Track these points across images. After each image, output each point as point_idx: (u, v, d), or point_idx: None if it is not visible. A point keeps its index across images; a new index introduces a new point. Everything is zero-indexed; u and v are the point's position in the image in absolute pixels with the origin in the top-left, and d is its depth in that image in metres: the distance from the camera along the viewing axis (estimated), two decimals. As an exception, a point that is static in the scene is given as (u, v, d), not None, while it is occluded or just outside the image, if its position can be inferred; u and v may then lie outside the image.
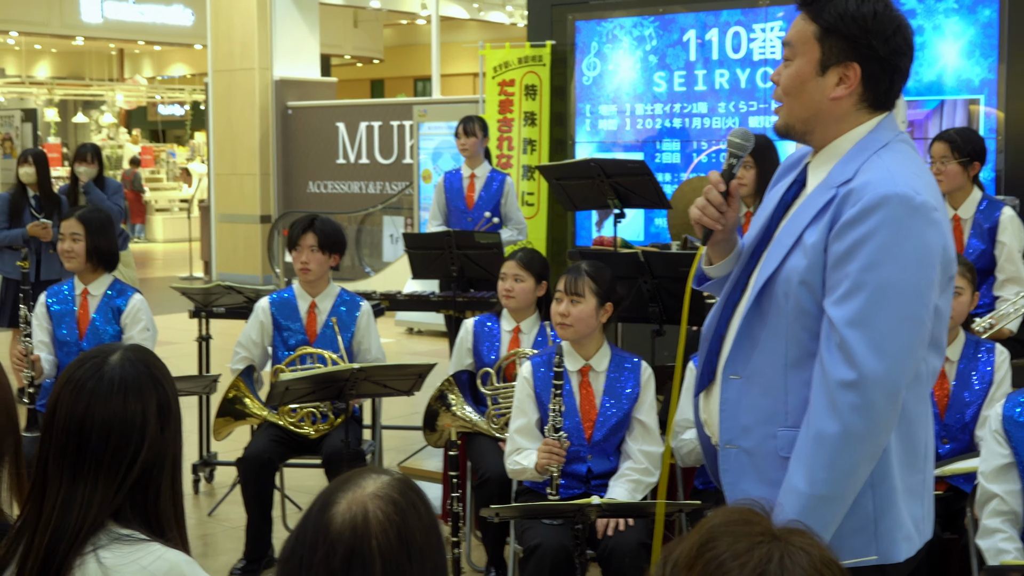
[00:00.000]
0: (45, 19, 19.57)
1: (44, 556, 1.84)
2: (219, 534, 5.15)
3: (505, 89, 7.68)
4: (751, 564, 1.18)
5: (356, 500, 1.55)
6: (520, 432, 3.79)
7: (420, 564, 1.54)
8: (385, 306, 5.81)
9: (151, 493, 1.93)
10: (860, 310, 2.04)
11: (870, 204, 2.05)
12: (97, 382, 1.92)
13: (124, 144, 22.92)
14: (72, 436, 1.89)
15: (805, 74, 2.18)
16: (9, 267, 7.16)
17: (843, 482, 2.07)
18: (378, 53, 23.96)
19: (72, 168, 7.92)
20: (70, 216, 4.90)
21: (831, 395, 2.06)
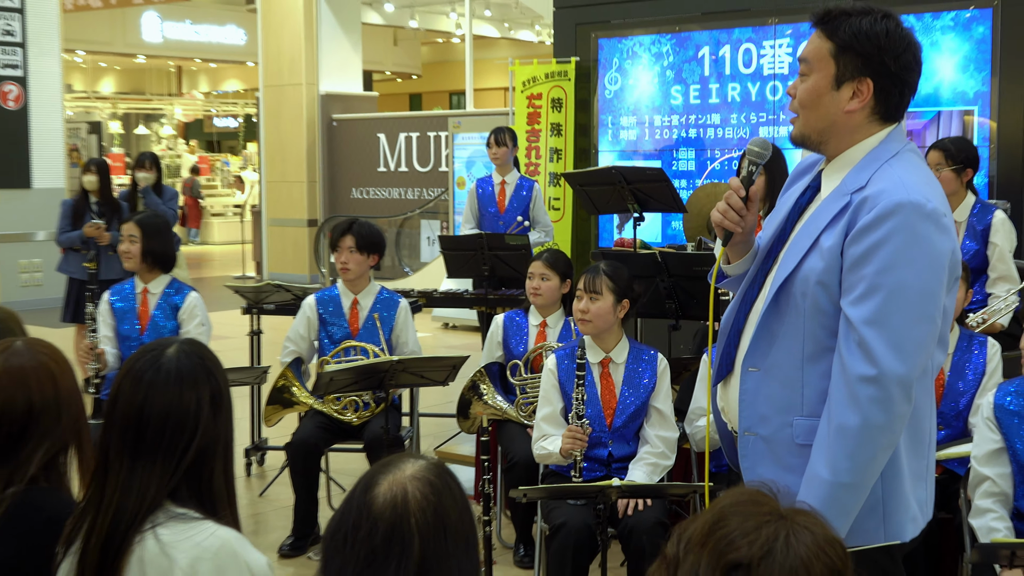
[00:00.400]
0: (109, 39, 19.70)
1: (107, 533, 1.85)
2: (269, 513, 5.17)
3: (533, 102, 7.69)
4: (759, 542, 1.19)
5: (396, 482, 1.55)
6: (546, 420, 3.80)
7: (454, 540, 1.54)
8: (422, 303, 5.82)
9: (205, 475, 1.93)
10: (877, 310, 2.04)
11: (885, 211, 2.05)
12: (155, 373, 1.92)
13: (182, 154, 23.03)
14: (132, 423, 1.90)
15: (821, 88, 2.17)
16: (74, 267, 7.21)
17: (863, 470, 2.07)
18: (416, 69, 23.97)
19: (132, 175, 7.99)
20: (129, 220, 4.94)
21: (851, 389, 2.06)
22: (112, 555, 1.83)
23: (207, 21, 20.20)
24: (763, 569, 1.17)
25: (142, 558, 1.82)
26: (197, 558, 1.81)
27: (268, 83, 13.70)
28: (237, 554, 1.84)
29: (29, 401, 2.13)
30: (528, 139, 7.70)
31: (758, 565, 1.17)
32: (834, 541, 1.23)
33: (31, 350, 2.20)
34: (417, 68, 23.96)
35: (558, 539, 3.46)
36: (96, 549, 1.84)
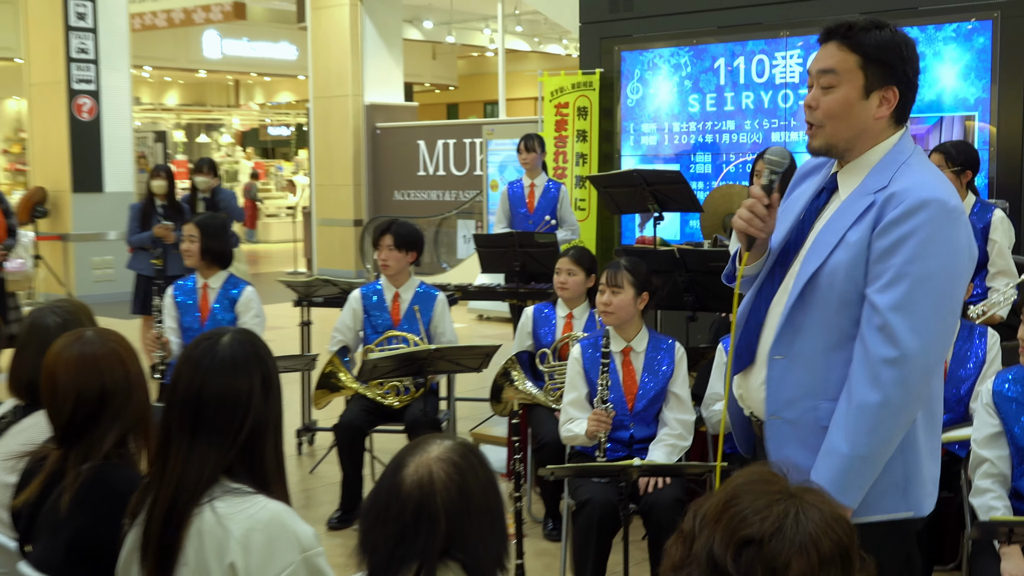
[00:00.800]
0: (173, 56, 19.86)
1: (168, 506, 1.86)
2: (318, 489, 5.20)
3: (560, 111, 7.66)
4: (770, 519, 1.18)
5: (423, 463, 1.56)
6: (572, 404, 3.79)
7: (478, 517, 1.55)
8: (458, 296, 5.82)
9: (257, 453, 1.93)
10: (903, 297, 2.02)
11: (912, 206, 2.04)
12: (211, 360, 1.93)
13: (239, 160, 23.21)
14: (190, 405, 1.91)
15: (852, 98, 2.12)
16: (142, 264, 7.29)
17: (880, 446, 2.05)
18: (453, 81, 24.00)
19: (192, 179, 8.04)
20: (189, 221, 4.98)
21: (874, 370, 2.04)
22: (174, 526, 1.84)
23: (262, 38, 20.32)
24: (774, 545, 1.16)
25: (201, 529, 1.83)
26: (250, 529, 1.82)
27: (317, 95, 13.76)
28: (286, 525, 1.84)
29: (102, 385, 2.16)
30: (556, 145, 7.67)
31: (769, 541, 1.16)
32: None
33: (101, 338, 2.23)
34: (454, 80, 23.99)
35: (583, 514, 3.46)
36: (159, 520, 1.86)
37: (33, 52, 11.77)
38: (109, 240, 11.58)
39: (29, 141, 12.20)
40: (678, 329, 5.05)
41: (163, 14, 15.96)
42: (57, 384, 2.16)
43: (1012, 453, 2.92)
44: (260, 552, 1.80)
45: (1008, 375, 2.98)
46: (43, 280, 11.38)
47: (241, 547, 1.80)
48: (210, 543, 1.82)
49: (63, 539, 2.05)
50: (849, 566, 1.19)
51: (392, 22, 13.85)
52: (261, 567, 1.80)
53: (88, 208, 11.57)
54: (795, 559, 1.15)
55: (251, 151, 25.68)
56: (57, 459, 2.15)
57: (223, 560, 1.80)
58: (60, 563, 2.04)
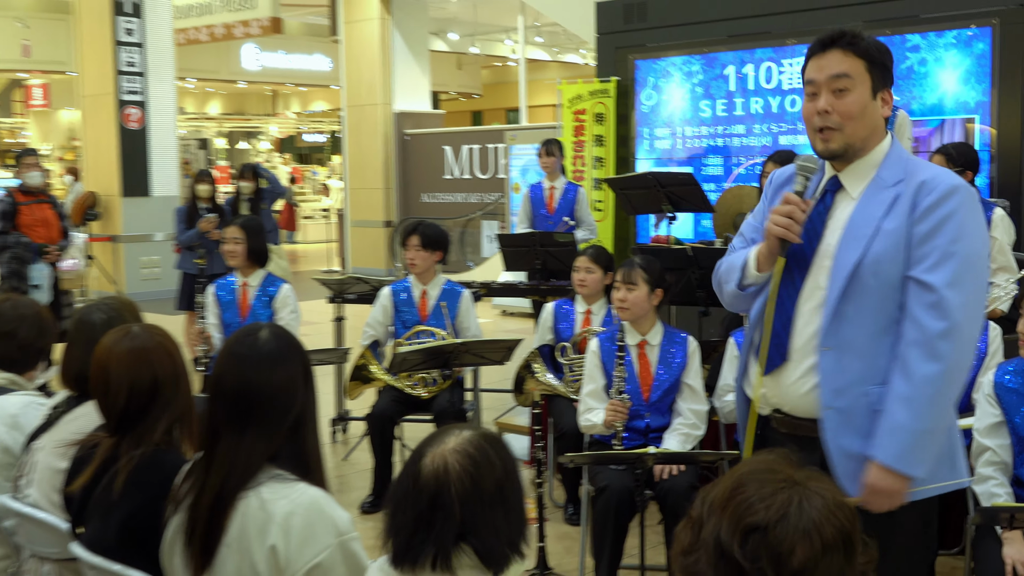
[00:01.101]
0: (215, 68, 19.97)
1: (218, 491, 1.85)
2: (351, 475, 5.20)
3: (579, 117, 7.64)
4: (775, 506, 1.16)
5: (439, 455, 1.57)
6: (590, 395, 3.77)
7: (491, 506, 1.55)
8: (483, 293, 5.81)
9: (299, 441, 1.93)
10: (954, 273, 2.04)
11: (946, 191, 2.07)
12: (256, 354, 1.92)
13: (277, 166, 23.30)
14: (239, 398, 1.90)
15: (865, 99, 2.13)
16: (188, 264, 7.33)
17: (942, 415, 2.08)
18: (477, 89, 24.00)
19: (237, 184, 8.09)
20: (233, 223, 4.98)
21: (930, 344, 2.04)
22: (220, 510, 1.84)
23: (298, 51, 20.40)
24: (778, 531, 1.14)
25: (245, 512, 1.83)
26: (291, 513, 1.82)
27: (350, 103, 13.80)
28: (324, 510, 1.84)
29: (154, 376, 2.17)
30: (574, 149, 7.65)
31: (774, 527, 1.15)
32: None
33: (148, 333, 2.23)
34: (478, 88, 23.99)
35: (601, 500, 3.44)
36: (207, 506, 1.86)
37: (85, 66, 11.87)
38: (156, 241, 11.67)
39: (82, 149, 12.30)
40: (691, 324, 5.03)
41: (205, 29, 16.03)
42: (110, 377, 2.16)
43: (1013, 442, 2.88)
44: (299, 535, 1.81)
45: (1009, 367, 2.94)
46: (95, 279, 11.48)
47: (282, 530, 1.80)
48: (253, 526, 1.82)
49: (115, 520, 2.05)
50: (851, 551, 1.17)
51: (419, 34, 13.87)
52: (299, 549, 1.80)
53: (136, 211, 11.66)
54: (799, 545, 1.14)
55: (288, 157, 25.79)
56: (110, 446, 2.15)
57: (264, 542, 1.81)
58: (112, 543, 2.04)
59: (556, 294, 5.55)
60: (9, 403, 2.65)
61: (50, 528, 2.29)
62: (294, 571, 1.80)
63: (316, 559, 1.80)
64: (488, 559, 1.54)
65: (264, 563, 1.80)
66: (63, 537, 2.21)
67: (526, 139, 10.73)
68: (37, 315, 2.81)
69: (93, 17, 11.61)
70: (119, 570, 2.00)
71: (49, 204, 7.09)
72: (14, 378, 2.75)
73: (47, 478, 2.35)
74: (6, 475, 2.57)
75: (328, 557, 1.82)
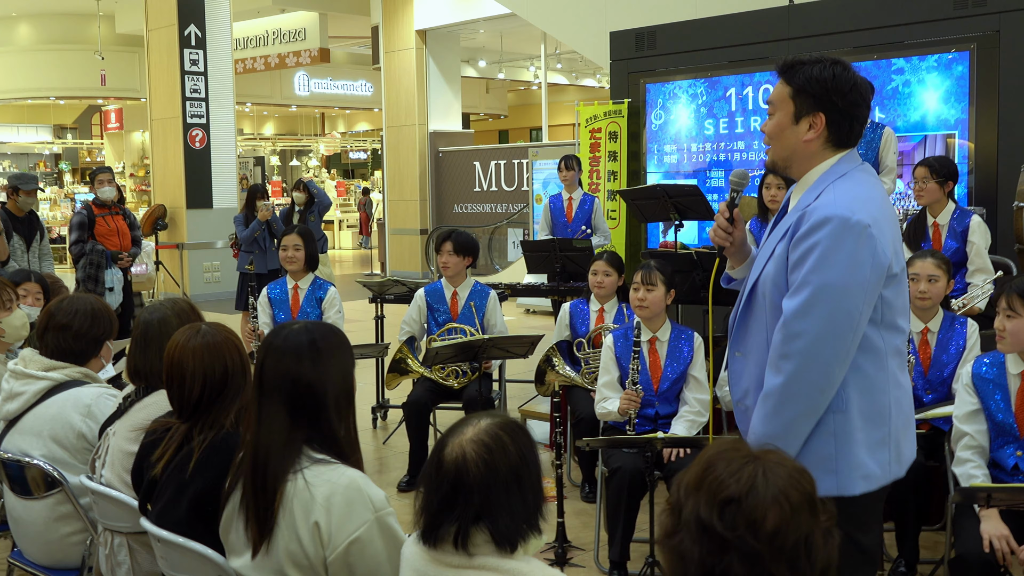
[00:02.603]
0: (269, 94, 20.11)
1: (262, 473, 1.84)
2: (390, 457, 5.22)
3: (595, 135, 7.62)
4: (744, 479, 1.18)
5: (458, 444, 1.57)
6: (606, 386, 3.77)
7: (505, 491, 1.54)
8: (508, 293, 5.82)
9: (332, 427, 1.90)
10: (804, 302, 1.95)
11: (816, 222, 1.97)
12: (283, 344, 1.91)
13: (325, 180, 23.44)
14: (266, 385, 1.89)
15: (783, 124, 2.09)
16: (246, 265, 7.41)
17: (785, 427, 1.98)
18: (503, 111, 24.00)
19: (291, 196, 8.16)
20: (291, 232, 4.95)
21: (775, 363, 2.00)
22: (269, 491, 1.83)
23: (344, 78, 20.50)
24: (751, 500, 1.16)
25: (292, 494, 1.83)
26: (331, 492, 1.82)
27: (389, 124, 13.84)
28: (361, 489, 1.84)
29: (225, 367, 2.17)
30: (591, 164, 7.64)
31: (746, 498, 1.16)
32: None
33: (215, 329, 2.23)
34: (504, 110, 24.00)
35: (615, 480, 3.44)
36: (257, 487, 1.85)
37: (154, 93, 12.00)
38: (217, 248, 11.77)
39: (151, 166, 12.43)
40: (696, 321, 5.00)
41: (261, 59, 16.16)
42: (185, 370, 2.15)
43: (989, 428, 2.84)
44: (340, 512, 1.81)
45: (986, 359, 2.90)
46: (162, 282, 11.61)
47: (324, 508, 1.80)
48: (299, 506, 1.82)
49: (187, 497, 2.05)
50: (815, 510, 1.19)
51: (452, 62, 13.90)
52: (340, 525, 1.81)
53: (200, 221, 11.77)
54: (771, 510, 1.15)
55: (335, 172, 25.91)
56: (184, 431, 2.15)
57: (309, 520, 1.81)
58: (182, 518, 2.04)
59: (573, 294, 5.56)
60: (84, 394, 2.67)
61: (123, 505, 2.31)
62: (336, 545, 1.80)
63: (356, 533, 1.81)
64: (502, 539, 1.54)
65: (309, 539, 1.81)
66: (135, 513, 2.22)
67: (547, 155, 10.73)
68: (90, 307, 2.78)
69: (162, 50, 11.74)
70: (183, 543, 2.01)
71: (122, 215, 7.18)
72: (87, 371, 2.77)
73: (119, 460, 2.37)
74: (83, 458, 2.61)
75: (366, 531, 1.82)
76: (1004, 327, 2.75)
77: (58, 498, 2.59)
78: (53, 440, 2.61)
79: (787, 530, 1.15)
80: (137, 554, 2.35)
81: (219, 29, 11.81)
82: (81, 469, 2.58)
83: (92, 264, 6.82)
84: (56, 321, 2.74)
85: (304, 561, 1.82)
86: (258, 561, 1.85)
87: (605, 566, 3.55)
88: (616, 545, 3.43)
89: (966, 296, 4.08)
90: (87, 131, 22.85)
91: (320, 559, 1.81)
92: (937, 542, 3.67)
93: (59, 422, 2.62)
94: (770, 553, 1.14)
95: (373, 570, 1.83)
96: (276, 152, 25.09)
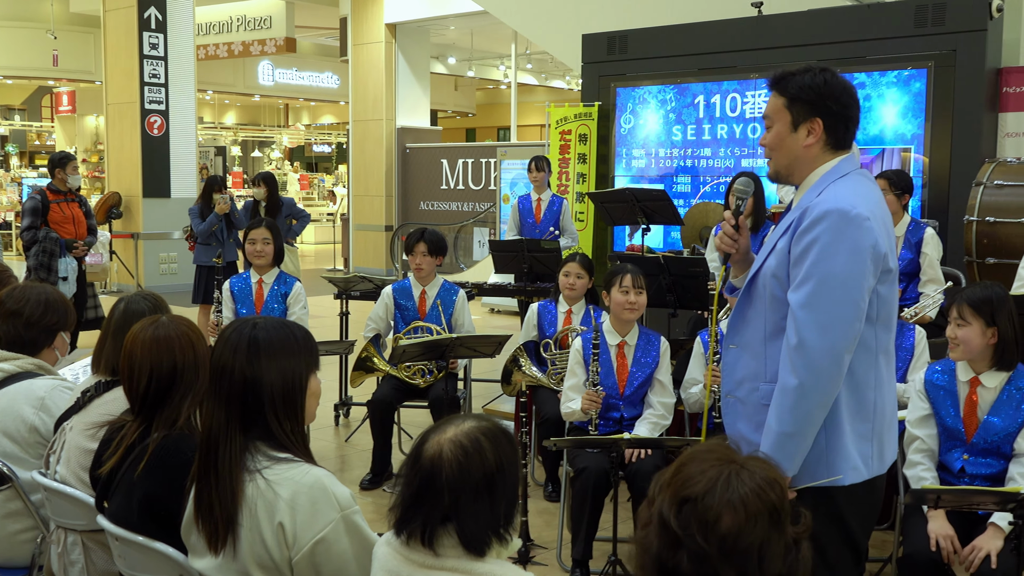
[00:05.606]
0: (232, 82, 19.85)
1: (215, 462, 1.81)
2: (353, 455, 5.20)
3: (564, 136, 7.70)
4: (705, 480, 1.20)
5: (437, 442, 1.57)
6: (572, 388, 3.82)
7: (476, 495, 1.54)
8: (475, 292, 5.84)
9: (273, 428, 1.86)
10: (810, 294, 2.04)
11: (816, 217, 2.06)
12: (238, 340, 1.87)
13: (288, 173, 23.25)
14: (215, 381, 1.87)
15: (783, 134, 2.19)
16: (203, 257, 7.33)
17: (802, 423, 2.05)
18: (472, 109, 23.98)
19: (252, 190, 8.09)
20: (259, 225, 4.86)
21: (789, 357, 2.06)
22: (224, 491, 1.81)
23: (309, 69, 20.33)
24: (706, 501, 1.18)
25: (255, 494, 1.81)
26: (296, 492, 1.80)
27: (356, 118, 13.78)
28: (327, 488, 1.82)
29: (174, 362, 2.14)
30: (560, 166, 7.72)
31: (702, 498, 1.18)
32: (775, 482, 1.21)
33: (174, 323, 2.21)
34: (472, 108, 23.98)
35: (580, 479, 3.50)
36: (212, 485, 1.82)
37: (111, 76, 11.80)
38: (174, 239, 11.61)
39: (106, 152, 12.25)
40: (661, 324, 5.10)
41: (224, 46, 15.99)
42: (134, 362, 2.14)
43: (940, 432, 2.96)
44: (305, 512, 1.78)
45: (937, 367, 3.03)
46: (116, 272, 11.46)
47: (288, 509, 1.78)
48: (262, 507, 1.80)
49: (136, 498, 2.03)
50: (778, 521, 1.19)
51: (421, 58, 13.88)
52: (306, 525, 1.79)
53: (156, 211, 11.60)
54: (725, 513, 1.16)
55: (298, 165, 25.68)
56: (135, 428, 2.13)
57: (273, 521, 1.78)
58: (134, 519, 2.03)
59: (540, 295, 5.60)
60: (37, 386, 2.60)
61: (77, 502, 2.25)
62: (301, 545, 1.78)
63: (321, 533, 1.79)
64: (468, 543, 1.53)
65: (273, 540, 1.78)
66: (89, 511, 2.18)
67: (515, 155, 10.79)
68: (44, 296, 2.72)
69: (120, 32, 11.56)
70: (142, 541, 1.98)
71: (78, 203, 7.02)
72: (40, 363, 2.70)
73: (76, 456, 2.32)
74: (36, 453, 2.55)
75: (332, 531, 1.80)
76: (956, 335, 2.88)
77: (7, 494, 2.51)
78: (3, 434, 2.54)
79: (739, 535, 1.15)
80: (92, 553, 2.30)
81: (181, 13, 11.65)
82: (34, 464, 2.51)
83: (45, 252, 6.62)
84: (5, 308, 2.67)
85: (269, 562, 1.79)
86: (222, 563, 1.82)
87: (568, 564, 3.61)
88: (580, 543, 3.49)
89: (918, 305, 4.23)
90: (36, 113, 22.34)
91: (285, 560, 1.79)
92: (885, 541, 3.79)
93: (10, 415, 2.55)
94: (718, 555, 1.15)
95: (339, 569, 1.81)
96: (238, 142, 24.74)
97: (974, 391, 2.91)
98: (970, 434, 2.90)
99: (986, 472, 2.89)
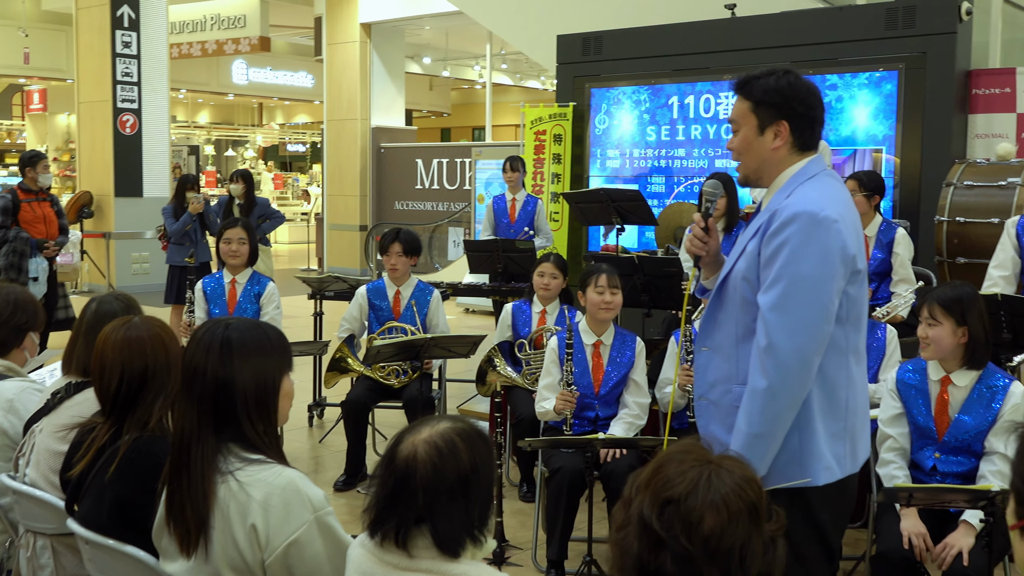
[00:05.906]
0: (206, 81, 19.71)
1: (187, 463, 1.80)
2: (327, 456, 5.18)
3: (539, 136, 7.71)
4: (686, 481, 1.20)
5: (412, 442, 1.56)
6: (546, 388, 3.82)
7: (450, 496, 1.53)
8: (449, 292, 5.82)
9: (246, 429, 1.85)
10: (779, 296, 2.04)
11: (786, 219, 2.06)
12: (211, 341, 1.86)
13: (262, 172, 23.09)
14: (186, 383, 1.86)
15: (750, 138, 2.19)
16: (175, 257, 7.26)
17: (771, 424, 2.05)
18: (447, 108, 23.96)
19: (228, 187, 8.00)
20: (235, 225, 4.82)
21: (760, 360, 2.06)
22: (196, 493, 1.79)
23: (283, 68, 20.22)
24: (689, 502, 1.18)
25: (227, 496, 1.80)
26: (268, 494, 1.78)
27: (331, 117, 13.72)
28: (300, 490, 1.81)
29: (145, 363, 2.13)
30: (535, 166, 7.72)
31: (685, 499, 1.18)
32: (752, 481, 1.22)
33: (146, 323, 2.19)
34: (447, 108, 23.96)
35: (555, 480, 3.49)
36: (184, 488, 1.81)
37: (83, 74, 11.67)
38: (146, 239, 11.50)
39: (77, 151, 12.09)
40: (635, 323, 5.11)
41: (198, 44, 15.85)
42: (105, 363, 2.12)
43: (912, 431, 2.99)
44: (277, 514, 1.77)
45: (909, 366, 3.05)
46: (87, 272, 11.31)
47: (261, 510, 1.77)
48: (234, 508, 1.78)
49: (107, 502, 2.02)
50: (757, 520, 1.20)
51: (396, 58, 13.84)
52: (279, 527, 1.77)
53: (128, 210, 11.49)
54: (707, 514, 1.17)
55: (271, 164, 25.53)
56: (105, 430, 2.10)
57: (246, 522, 1.77)
58: (104, 522, 2.01)
59: (515, 295, 5.59)
60: (5, 388, 2.58)
61: (47, 505, 2.23)
62: (274, 547, 1.77)
63: (294, 535, 1.77)
64: (442, 544, 1.52)
65: (246, 542, 1.77)
66: (59, 514, 2.16)
67: (490, 155, 10.78)
68: (12, 295, 2.70)
69: (92, 30, 11.43)
70: (113, 545, 1.96)
71: (49, 202, 6.97)
72: (9, 364, 2.68)
73: (45, 459, 2.30)
74: (4, 456, 2.51)
75: (305, 532, 1.78)
76: (927, 335, 2.91)
77: (-26, 498, 2.48)
78: (-30, 436, 2.52)
79: (722, 536, 1.16)
80: (62, 557, 2.28)
81: (154, 11, 11.55)
82: (2, 467, 2.49)
83: (15, 252, 6.56)
84: None
85: (241, 565, 1.78)
86: (194, 566, 1.81)
87: (543, 565, 3.61)
88: (555, 544, 3.49)
89: (889, 305, 4.27)
90: (7, 111, 22.02)
91: (258, 562, 1.78)
92: (858, 539, 3.82)
93: None
94: (702, 556, 1.16)
95: (313, 571, 1.80)
96: (211, 142, 24.57)
97: (945, 390, 2.93)
98: (941, 432, 2.93)
99: (957, 470, 2.91)
